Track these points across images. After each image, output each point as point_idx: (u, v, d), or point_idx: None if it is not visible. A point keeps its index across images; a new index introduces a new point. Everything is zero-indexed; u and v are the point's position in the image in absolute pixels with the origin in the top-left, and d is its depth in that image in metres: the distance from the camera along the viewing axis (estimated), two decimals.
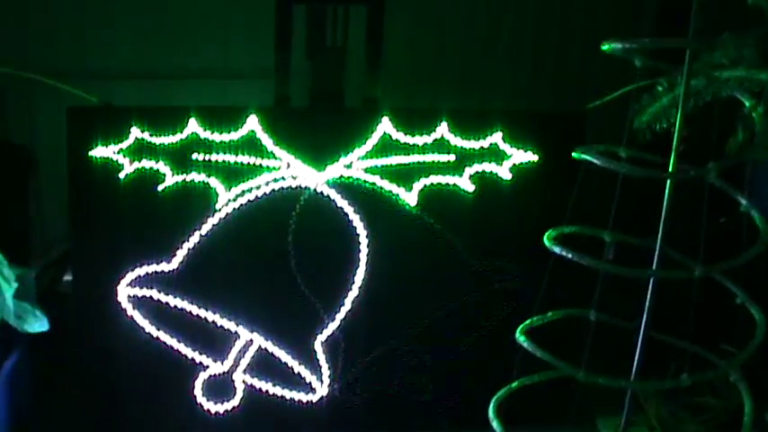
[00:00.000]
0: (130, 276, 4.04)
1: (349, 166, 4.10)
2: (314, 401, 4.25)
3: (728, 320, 3.08)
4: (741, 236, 2.89)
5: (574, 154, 2.97)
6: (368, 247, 4.13)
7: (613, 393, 3.21)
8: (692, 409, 4.07)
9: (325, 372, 4.24)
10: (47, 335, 4.07)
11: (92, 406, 4.22)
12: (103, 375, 4.18)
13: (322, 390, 4.25)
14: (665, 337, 3.22)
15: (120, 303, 4.06)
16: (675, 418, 4.06)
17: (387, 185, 4.11)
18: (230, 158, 4.02)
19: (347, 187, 4.09)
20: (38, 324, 4.00)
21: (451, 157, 4.15)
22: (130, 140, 3.96)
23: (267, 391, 4.23)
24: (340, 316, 4.18)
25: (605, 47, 2.88)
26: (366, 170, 4.10)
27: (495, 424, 3.23)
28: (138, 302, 4.07)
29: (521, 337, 3.18)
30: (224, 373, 4.17)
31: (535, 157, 4.19)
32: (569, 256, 2.90)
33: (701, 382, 3.72)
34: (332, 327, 4.19)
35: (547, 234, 3.06)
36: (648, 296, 2.98)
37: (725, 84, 3.21)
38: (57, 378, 4.46)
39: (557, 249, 2.95)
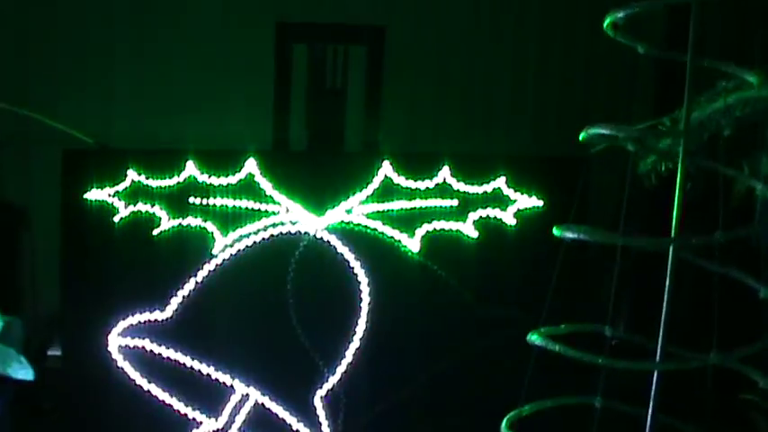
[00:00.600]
0: (122, 325, 3.93)
1: (350, 212, 4.02)
2: None
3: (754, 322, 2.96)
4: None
5: (581, 135, 2.82)
6: (369, 295, 4.03)
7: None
8: None
9: (326, 429, 4.08)
10: (30, 391, 3.96)
11: None
12: (92, 429, 4.05)
13: None
14: (679, 351, 3.11)
15: (110, 353, 3.94)
16: None
17: (388, 231, 4.03)
18: (228, 202, 3.96)
19: (348, 233, 4.01)
20: (22, 372, 3.89)
21: (454, 203, 4.08)
22: (126, 183, 3.91)
23: None
24: (340, 369, 4.05)
25: (607, 20, 2.77)
26: (367, 215, 4.03)
27: None
28: (130, 353, 3.94)
29: (533, 336, 3.03)
30: (218, 430, 4.02)
31: (540, 202, 4.12)
32: (581, 236, 2.79)
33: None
34: (332, 380, 4.05)
35: (555, 227, 2.95)
36: (669, 268, 2.79)
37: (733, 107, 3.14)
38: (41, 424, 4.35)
39: (569, 234, 2.83)
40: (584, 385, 3.23)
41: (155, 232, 3.93)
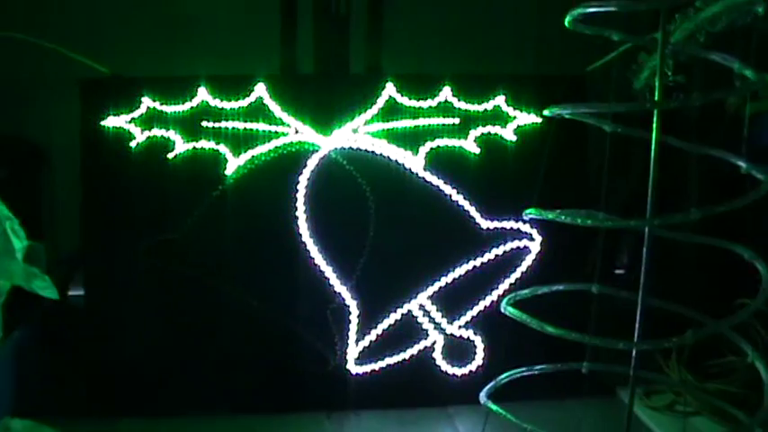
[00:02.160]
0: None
1: (356, 131, 4.16)
2: (327, 372, 4.24)
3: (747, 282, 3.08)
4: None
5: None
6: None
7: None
8: (717, 371, 4.12)
9: (338, 341, 4.24)
10: (57, 313, 4.13)
11: (100, 379, 4.20)
12: (114, 347, 4.18)
13: (334, 360, 4.25)
14: (662, 304, 3.25)
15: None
16: (700, 380, 4.10)
17: (393, 149, 4.17)
18: (239, 125, 4.10)
19: (354, 151, 4.15)
20: (47, 291, 4.01)
21: (456, 121, 4.21)
22: (142, 110, 4.06)
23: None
24: (351, 282, 4.20)
25: (571, 18, 2.88)
26: (373, 134, 4.17)
27: (491, 406, 3.25)
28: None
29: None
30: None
31: (538, 119, 4.23)
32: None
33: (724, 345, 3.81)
34: (343, 294, 4.20)
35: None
36: (645, 247, 2.95)
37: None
38: (66, 352, 4.46)
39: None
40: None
41: (170, 156, 4.07)
